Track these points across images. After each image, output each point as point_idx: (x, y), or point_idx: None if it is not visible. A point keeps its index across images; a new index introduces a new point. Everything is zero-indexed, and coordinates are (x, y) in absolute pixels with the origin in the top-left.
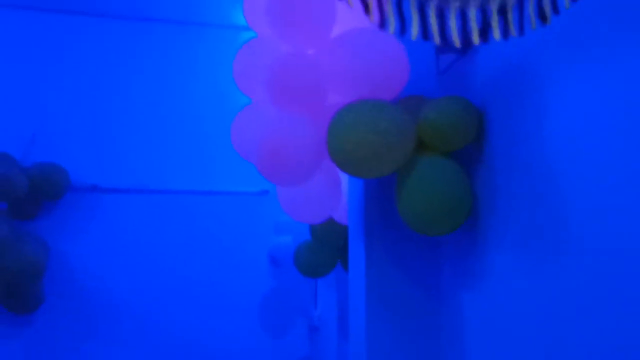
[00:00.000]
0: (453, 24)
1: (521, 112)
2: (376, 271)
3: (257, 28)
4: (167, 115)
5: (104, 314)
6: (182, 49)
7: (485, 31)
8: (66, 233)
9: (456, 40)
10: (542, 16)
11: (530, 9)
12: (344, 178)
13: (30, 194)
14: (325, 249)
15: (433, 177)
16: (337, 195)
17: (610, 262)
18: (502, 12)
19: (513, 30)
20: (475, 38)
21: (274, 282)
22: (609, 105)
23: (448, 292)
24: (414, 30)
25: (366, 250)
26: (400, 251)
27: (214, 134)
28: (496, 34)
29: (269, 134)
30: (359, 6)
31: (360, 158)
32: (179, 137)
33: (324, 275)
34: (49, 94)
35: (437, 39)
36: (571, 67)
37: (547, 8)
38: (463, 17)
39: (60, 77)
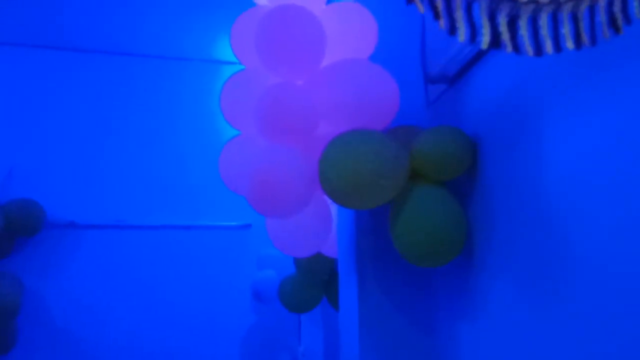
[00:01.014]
0: (524, 32)
1: (517, 141)
2: (369, 305)
3: (244, 60)
4: (146, 149)
5: (78, 355)
6: (162, 84)
7: (557, 40)
8: (42, 271)
9: (529, 49)
10: (614, 25)
11: (602, 16)
12: (333, 210)
13: (5, 231)
14: (310, 283)
15: (428, 207)
16: (328, 228)
17: (616, 296)
18: (574, 20)
19: (585, 38)
20: (548, 47)
21: (257, 317)
22: (613, 135)
23: (443, 325)
24: (485, 37)
25: (359, 283)
26: (394, 284)
27: (194, 168)
28: (569, 43)
29: (258, 166)
30: (428, 12)
31: (354, 188)
32: (159, 171)
33: (309, 310)
34: (25, 129)
35: (509, 47)
36: (573, 96)
37: (619, 16)
38: (534, 25)
39: (37, 112)
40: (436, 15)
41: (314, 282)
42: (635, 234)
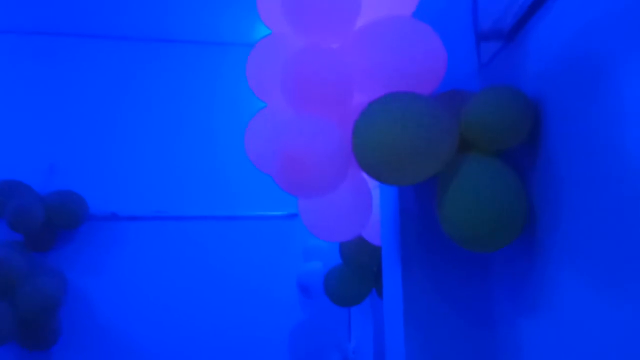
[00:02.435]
0: None
1: (589, 105)
2: (415, 297)
3: (272, 24)
4: (186, 138)
5: (124, 350)
6: (199, 70)
7: None
8: (84, 264)
9: None
10: None
11: None
12: (374, 190)
13: (47, 224)
14: (358, 274)
15: (481, 181)
16: (367, 209)
17: None
18: None
19: None
20: None
21: (304, 313)
22: None
23: (501, 319)
24: None
25: (403, 273)
26: (443, 273)
27: (235, 156)
28: None
29: (287, 140)
30: None
31: (393, 160)
32: (200, 161)
33: (357, 304)
34: (66, 121)
35: None
36: None
37: None
38: None
39: (78, 104)
40: None
41: (361, 273)
42: None
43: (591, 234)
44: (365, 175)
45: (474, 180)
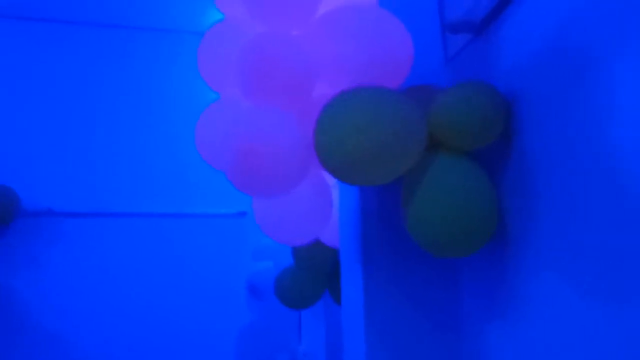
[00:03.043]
0: None
1: (567, 101)
2: (377, 302)
3: (227, 9)
4: (132, 130)
5: (62, 354)
6: (148, 59)
7: None
8: (15, 264)
9: None
10: None
11: None
12: (334, 189)
13: None
14: (310, 276)
15: (450, 182)
16: (327, 210)
17: None
18: None
19: None
20: None
21: (253, 314)
22: None
23: (469, 326)
24: None
25: (364, 275)
26: (408, 277)
27: (184, 150)
28: None
29: (240, 133)
30: None
31: (358, 160)
32: (145, 154)
33: (309, 307)
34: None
35: None
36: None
37: None
38: None
39: (11, 91)
40: None
41: (314, 275)
42: None
43: (566, 237)
44: (325, 174)
45: (442, 181)
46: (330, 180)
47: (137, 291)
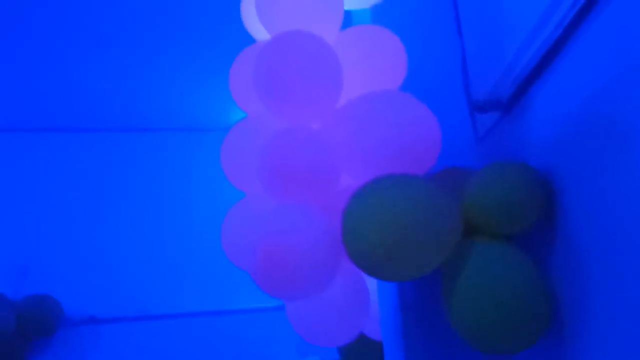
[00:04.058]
0: None
1: (608, 174)
2: None
3: (246, 106)
4: (166, 232)
5: None
6: (178, 159)
7: None
8: None
9: None
10: None
11: None
12: (370, 282)
13: (18, 333)
14: None
15: (493, 271)
16: (363, 307)
17: None
18: None
19: None
20: None
21: None
22: None
23: None
24: None
25: None
26: None
27: (217, 248)
28: None
29: (264, 232)
30: None
31: (390, 255)
32: (181, 254)
33: None
34: (38, 220)
35: None
36: None
37: None
38: None
39: (49, 201)
40: None
41: None
42: None
43: (630, 331)
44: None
45: (485, 272)
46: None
47: None
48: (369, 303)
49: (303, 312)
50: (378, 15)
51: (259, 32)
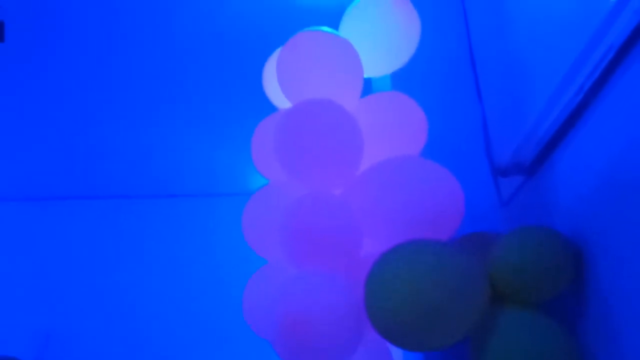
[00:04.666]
0: None
1: (634, 237)
2: None
3: (268, 172)
4: (188, 298)
5: None
6: (199, 225)
7: None
8: None
9: None
10: None
11: None
12: (395, 351)
13: None
14: None
15: (524, 340)
16: None
17: None
18: None
19: None
20: None
21: None
22: None
23: None
24: None
25: None
26: None
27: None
28: None
29: (285, 301)
30: None
31: (415, 324)
32: (201, 322)
33: None
34: (61, 288)
35: None
36: None
37: None
38: None
39: (74, 270)
40: None
41: None
42: None
43: None
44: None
45: (514, 340)
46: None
47: None
48: None
49: None
50: (398, 81)
51: (280, 99)
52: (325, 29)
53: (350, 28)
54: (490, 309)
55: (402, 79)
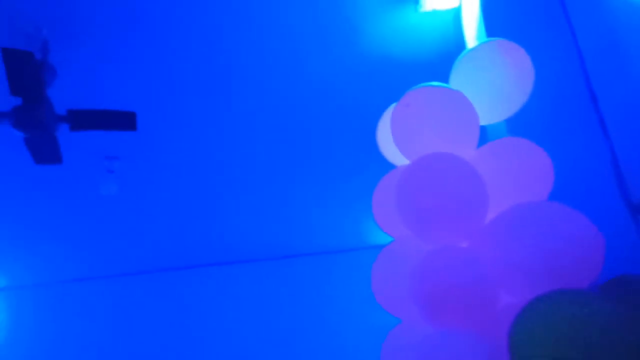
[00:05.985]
0: None
1: None
2: None
3: (392, 230)
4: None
5: None
6: (325, 281)
7: None
8: None
9: None
10: None
11: None
12: None
13: None
14: None
15: None
16: None
17: None
18: None
19: None
20: None
21: None
22: None
23: None
24: None
25: None
26: None
27: None
28: None
29: None
30: None
31: None
32: None
33: None
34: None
35: None
36: None
37: None
38: None
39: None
40: None
41: None
42: None
43: None
44: None
45: None
46: None
47: None
48: None
49: None
50: (513, 126)
51: (396, 157)
52: (436, 83)
53: (462, 78)
54: None
55: (517, 123)
